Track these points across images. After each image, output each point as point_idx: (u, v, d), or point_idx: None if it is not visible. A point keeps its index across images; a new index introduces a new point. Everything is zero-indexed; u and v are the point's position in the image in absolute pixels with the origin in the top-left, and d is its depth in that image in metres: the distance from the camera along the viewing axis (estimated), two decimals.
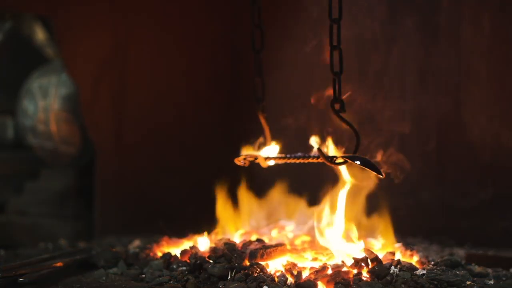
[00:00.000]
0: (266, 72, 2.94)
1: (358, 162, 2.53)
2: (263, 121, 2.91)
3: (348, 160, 2.55)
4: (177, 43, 3.98)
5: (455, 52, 3.51)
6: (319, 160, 2.62)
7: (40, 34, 4.52)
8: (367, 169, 2.54)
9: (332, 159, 2.58)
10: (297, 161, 2.71)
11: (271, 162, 2.81)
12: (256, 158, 2.81)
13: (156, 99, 3.89)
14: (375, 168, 2.54)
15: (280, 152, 2.86)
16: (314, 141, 2.71)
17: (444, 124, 3.55)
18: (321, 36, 2.62)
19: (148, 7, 3.85)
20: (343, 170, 2.72)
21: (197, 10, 4.06)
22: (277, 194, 3.23)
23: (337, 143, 2.67)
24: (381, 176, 2.56)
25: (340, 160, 2.57)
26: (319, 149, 2.59)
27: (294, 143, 2.96)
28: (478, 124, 3.46)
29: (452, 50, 3.52)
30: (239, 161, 2.83)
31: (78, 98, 3.69)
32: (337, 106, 2.55)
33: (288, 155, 2.75)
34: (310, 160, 2.66)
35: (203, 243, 2.93)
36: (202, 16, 4.08)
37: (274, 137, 2.92)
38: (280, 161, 2.78)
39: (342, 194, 2.78)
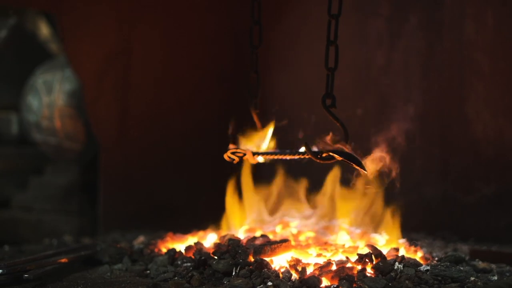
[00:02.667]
0: (271, 70, 2.94)
1: (343, 157, 2.54)
2: (255, 117, 2.91)
3: (334, 155, 2.55)
4: (181, 39, 3.97)
5: (459, 48, 3.51)
6: (306, 156, 2.62)
7: (44, 30, 4.52)
8: (352, 164, 2.55)
9: (318, 154, 2.58)
10: (285, 157, 2.71)
11: (260, 158, 2.82)
12: (244, 154, 2.81)
13: (160, 95, 3.89)
14: (359, 163, 2.55)
15: (272, 147, 2.86)
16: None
17: (448, 120, 3.55)
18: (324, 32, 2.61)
19: (152, 3, 3.85)
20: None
21: (201, 6, 4.06)
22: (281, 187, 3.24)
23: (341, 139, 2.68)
24: (364, 171, 2.56)
25: (326, 155, 2.57)
26: (306, 145, 2.59)
27: (291, 139, 2.96)
28: (482, 120, 3.46)
29: (456, 46, 3.52)
30: (227, 156, 2.84)
31: (82, 94, 3.69)
32: (328, 102, 2.56)
33: (276, 151, 2.75)
34: (298, 156, 2.66)
35: (208, 239, 2.94)
36: (206, 11, 4.08)
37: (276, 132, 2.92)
38: (268, 157, 2.78)
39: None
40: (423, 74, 3.60)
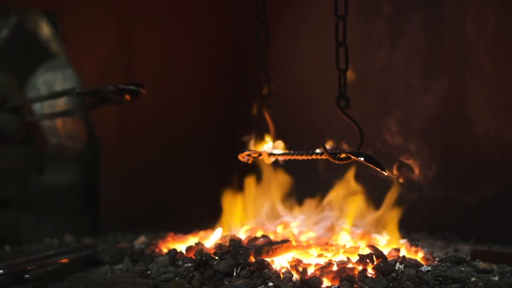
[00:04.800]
0: (274, 68, 2.94)
1: (362, 158, 2.53)
2: (268, 117, 2.91)
3: (352, 156, 2.55)
4: (181, 39, 3.98)
5: (459, 47, 3.51)
6: (323, 156, 2.62)
7: (45, 29, 4.51)
8: (370, 165, 2.54)
9: (336, 155, 2.58)
10: (301, 158, 2.70)
11: (275, 158, 2.82)
12: (260, 154, 2.81)
13: (160, 95, 3.89)
14: (378, 164, 2.54)
15: (285, 148, 2.86)
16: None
17: (448, 120, 3.55)
18: (329, 32, 2.61)
19: (152, 3, 3.85)
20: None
21: (201, 6, 4.06)
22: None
23: (343, 139, 2.67)
24: (384, 172, 2.56)
25: (344, 156, 2.57)
26: (323, 145, 2.59)
27: (300, 139, 2.96)
28: (483, 120, 3.46)
29: (456, 46, 3.52)
30: (242, 157, 2.83)
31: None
32: (342, 103, 2.55)
33: (292, 152, 2.75)
34: (314, 157, 2.66)
35: (209, 239, 2.94)
36: (206, 11, 4.08)
37: (280, 133, 2.92)
38: (284, 157, 2.78)
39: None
40: (423, 74, 3.60)
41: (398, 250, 2.66)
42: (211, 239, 2.95)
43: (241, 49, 4.10)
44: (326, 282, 2.37)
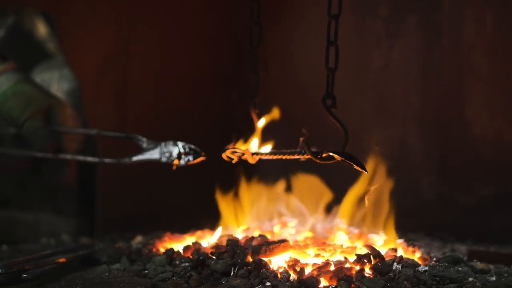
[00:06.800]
0: (272, 68, 2.94)
1: (343, 158, 2.52)
2: (254, 117, 2.91)
3: (334, 155, 2.54)
4: (181, 39, 3.97)
5: (458, 48, 3.51)
6: (305, 156, 2.60)
7: (41, 29, 4.51)
8: (353, 165, 2.53)
9: (318, 154, 2.57)
10: (284, 157, 2.69)
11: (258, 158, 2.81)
12: (243, 153, 2.81)
13: (159, 94, 3.89)
14: (360, 163, 2.53)
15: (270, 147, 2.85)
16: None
17: (447, 121, 3.55)
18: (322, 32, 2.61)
19: (152, 3, 3.85)
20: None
21: (201, 6, 4.06)
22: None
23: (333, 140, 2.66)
24: (365, 172, 2.55)
25: (326, 156, 2.56)
26: (305, 144, 2.57)
27: (296, 140, 2.96)
28: (481, 121, 3.46)
29: (455, 47, 3.52)
30: (226, 156, 2.83)
31: (81, 93, 3.68)
32: (328, 102, 2.55)
33: (275, 151, 2.74)
34: (297, 156, 2.65)
35: (207, 239, 2.94)
36: (206, 11, 4.08)
37: (268, 133, 2.92)
38: (267, 157, 2.77)
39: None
40: (421, 75, 3.60)
41: (395, 250, 2.66)
42: (210, 239, 2.95)
43: (241, 49, 4.09)
44: (323, 282, 2.37)
